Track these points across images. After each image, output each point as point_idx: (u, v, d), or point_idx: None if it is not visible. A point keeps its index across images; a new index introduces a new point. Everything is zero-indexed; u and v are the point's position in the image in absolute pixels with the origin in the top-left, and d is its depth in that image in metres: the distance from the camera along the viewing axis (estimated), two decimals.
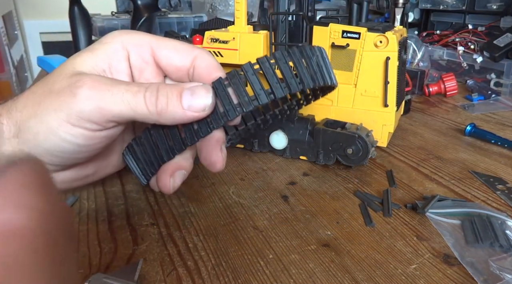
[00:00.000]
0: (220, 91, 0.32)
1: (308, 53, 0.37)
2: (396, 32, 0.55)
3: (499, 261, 0.36)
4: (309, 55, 0.37)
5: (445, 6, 1.22)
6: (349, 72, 0.56)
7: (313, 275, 0.36)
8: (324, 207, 0.46)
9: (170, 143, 0.34)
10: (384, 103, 0.55)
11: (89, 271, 0.36)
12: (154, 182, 0.37)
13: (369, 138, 0.54)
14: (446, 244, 0.40)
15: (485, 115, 0.81)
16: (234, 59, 0.58)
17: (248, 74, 0.32)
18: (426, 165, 0.58)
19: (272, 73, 0.33)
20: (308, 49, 0.37)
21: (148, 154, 0.35)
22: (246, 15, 0.57)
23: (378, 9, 1.33)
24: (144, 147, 0.35)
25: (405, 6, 0.66)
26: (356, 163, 0.54)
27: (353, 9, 0.55)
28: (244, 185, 0.51)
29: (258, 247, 0.40)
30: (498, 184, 0.52)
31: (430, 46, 1.12)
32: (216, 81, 0.32)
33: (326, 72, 0.38)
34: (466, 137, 0.68)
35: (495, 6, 1.10)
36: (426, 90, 0.93)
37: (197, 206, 0.47)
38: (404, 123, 0.75)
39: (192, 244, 0.40)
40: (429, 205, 0.45)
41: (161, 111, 0.30)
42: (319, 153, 0.56)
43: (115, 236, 0.41)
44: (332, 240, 0.41)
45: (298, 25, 0.58)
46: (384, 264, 0.37)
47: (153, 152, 0.35)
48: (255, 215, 0.45)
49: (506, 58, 0.95)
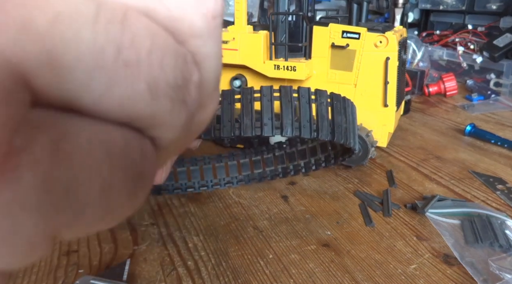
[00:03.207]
0: (226, 103, 0.30)
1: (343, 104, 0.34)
2: (396, 32, 0.55)
3: (498, 261, 0.36)
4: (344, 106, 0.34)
5: (444, 6, 1.23)
6: (349, 72, 0.56)
7: (313, 275, 0.36)
8: (324, 207, 0.47)
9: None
10: (384, 103, 0.56)
11: (89, 271, 0.36)
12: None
13: (369, 138, 0.54)
14: (446, 244, 0.40)
15: (485, 115, 0.81)
16: (234, 59, 0.57)
17: (264, 98, 0.30)
18: (426, 165, 0.58)
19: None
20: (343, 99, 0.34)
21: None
22: (246, 15, 0.57)
23: (378, 9, 1.33)
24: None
25: (405, 6, 0.66)
26: (356, 163, 0.54)
27: (353, 9, 0.55)
28: (244, 185, 0.51)
29: (258, 247, 0.40)
30: (498, 184, 0.52)
31: (430, 46, 1.12)
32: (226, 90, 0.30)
33: (352, 131, 0.34)
34: (466, 137, 0.68)
35: (494, 6, 1.10)
36: (426, 90, 0.93)
37: (197, 206, 0.47)
38: (404, 123, 0.75)
39: (192, 244, 0.40)
40: (429, 205, 0.45)
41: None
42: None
43: (115, 236, 0.41)
44: (332, 240, 0.41)
45: (298, 25, 0.58)
46: (384, 264, 0.37)
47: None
48: (255, 215, 0.45)
49: (505, 58, 0.95)
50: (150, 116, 0.09)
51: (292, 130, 0.30)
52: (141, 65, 0.08)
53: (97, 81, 0.07)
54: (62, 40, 0.07)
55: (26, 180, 0.07)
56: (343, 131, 0.34)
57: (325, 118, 0.32)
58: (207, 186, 0.49)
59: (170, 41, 0.09)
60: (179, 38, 0.09)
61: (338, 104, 0.34)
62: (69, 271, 0.36)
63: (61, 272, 0.36)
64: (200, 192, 0.49)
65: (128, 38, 0.08)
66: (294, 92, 0.31)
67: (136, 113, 0.08)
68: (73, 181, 0.08)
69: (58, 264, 0.37)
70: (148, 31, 0.08)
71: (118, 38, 0.08)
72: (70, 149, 0.07)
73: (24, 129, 0.07)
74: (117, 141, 0.08)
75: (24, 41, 0.07)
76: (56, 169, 0.07)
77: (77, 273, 0.36)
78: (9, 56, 0.06)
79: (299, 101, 0.31)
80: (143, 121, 0.09)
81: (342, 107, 0.34)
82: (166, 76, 0.09)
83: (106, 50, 0.07)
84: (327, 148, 0.48)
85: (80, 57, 0.07)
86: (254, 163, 0.51)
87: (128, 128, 0.09)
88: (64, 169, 0.07)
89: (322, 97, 0.33)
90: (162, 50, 0.08)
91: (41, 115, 0.07)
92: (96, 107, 0.08)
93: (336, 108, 0.33)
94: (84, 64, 0.07)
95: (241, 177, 0.50)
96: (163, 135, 0.09)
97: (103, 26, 0.07)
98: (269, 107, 0.30)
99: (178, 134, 0.10)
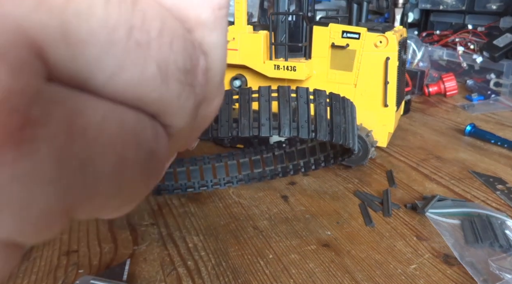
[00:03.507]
0: (224, 103, 0.30)
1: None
2: (396, 32, 0.55)
3: (498, 261, 0.36)
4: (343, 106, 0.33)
5: (444, 6, 1.23)
6: (349, 72, 0.56)
7: (313, 275, 0.36)
8: (324, 207, 0.47)
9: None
10: (384, 103, 0.56)
11: (89, 271, 0.36)
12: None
13: (369, 138, 0.54)
14: (446, 244, 0.40)
15: (485, 115, 0.81)
16: (234, 59, 0.58)
17: (261, 98, 0.30)
18: (426, 165, 0.58)
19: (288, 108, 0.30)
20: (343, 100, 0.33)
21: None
22: (246, 15, 0.57)
23: (378, 9, 1.32)
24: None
25: (404, 6, 0.66)
26: (356, 163, 0.54)
27: (353, 9, 0.55)
28: (244, 185, 0.51)
29: (258, 247, 0.40)
30: (498, 184, 0.52)
31: (430, 46, 1.12)
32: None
33: (351, 132, 0.34)
34: (466, 137, 0.68)
35: (494, 6, 1.10)
36: (426, 90, 0.93)
37: (197, 206, 0.47)
38: (404, 123, 0.75)
39: (192, 244, 0.40)
40: (429, 205, 0.45)
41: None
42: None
43: (115, 236, 0.41)
44: (332, 240, 0.41)
45: (298, 25, 0.58)
46: (384, 264, 0.37)
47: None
48: (255, 215, 0.45)
49: (505, 58, 0.95)
50: (160, 99, 0.09)
51: (290, 130, 0.30)
52: (151, 46, 0.08)
53: (109, 59, 0.08)
54: (77, 15, 0.07)
55: (42, 153, 0.07)
56: (342, 132, 0.34)
57: (324, 118, 0.32)
58: (207, 186, 0.49)
59: (178, 26, 0.09)
60: (186, 26, 0.09)
61: (337, 104, 0.34)
62: (69, 271, 0.36)
63: (61, 272, 0.36)
64: (200, 192, 0.49)
65: (139, 19, 0.08)
66: (292, 92, 0.31)
67: (146, 96, 0.08)
68: (88, 156, 0.08)
69: (58, 264, 0.37)
70: (157, 13, 0.08)
71: (129, 18, 0.08)
72: (86, 125, 0.08)
73: (40, 102, 0.07)
74: (130, 118, 0.09)
75: (41, 14, 0.07)
76: (72, 144, 0.07)
77: (77, 273, 0.36)
78: (27, 28, 0.07)
79: (297, 101, 0.31)
80: (153, 105, 0.09)
81: (341, 107, 0.34)
82: (175, 58, 0.09)
83: (118, 29, 0.08)
84: (327, 148, 0.48)
85: (93, 33, 0.07)
86: (254, 162, 0.51)
87: (141, 111, 0.09)
88: (80, 144, 0.08)
89: (320, 97, 0.32)
90: (172, 33, 0.09)
91: (56, 90, 0.07)
92: (107, 87, 0.08)
93: (335, 108, 0.33)
94: (96, 40, 0.07)
95: (241, 176, 0.50)
96: (172, 122, 0.10)
97: (116, 5, 0.08)
98: (267, 107, 0.30)
99: (186, 124, 0.10)
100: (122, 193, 0.09)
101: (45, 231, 0.08)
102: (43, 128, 0.07)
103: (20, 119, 0.07)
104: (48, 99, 0.07)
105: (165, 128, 0.10)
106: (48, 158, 0.07)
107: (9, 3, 0.07)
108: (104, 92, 0.08)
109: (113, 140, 0.08)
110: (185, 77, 0.09)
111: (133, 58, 0.08)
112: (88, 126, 0.08)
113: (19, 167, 0.07)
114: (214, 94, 0.11)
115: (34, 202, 0.07)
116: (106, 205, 0.09)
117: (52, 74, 0.07)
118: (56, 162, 0.07)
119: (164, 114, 0.09)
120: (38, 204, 0.07)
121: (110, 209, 0.09)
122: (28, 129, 0.07)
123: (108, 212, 0.09)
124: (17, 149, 0.07)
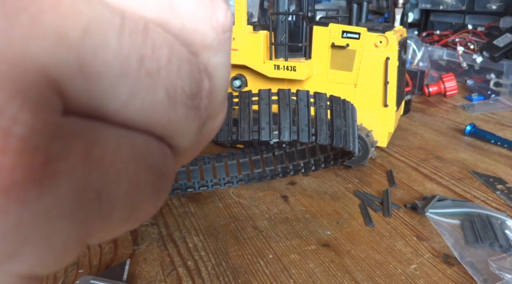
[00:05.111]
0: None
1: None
2: (396, 32, 0.55)
3: (498, 261, 0.36)
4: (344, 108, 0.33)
5: (444, 6, 1.23)
6: (349, 72, 0.56)
7: (313, 275, 0.36)
8: (324, 207, 0.47)
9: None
10: (384, 103, 0.56)
11: (89, 271, 0.36)
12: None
13: (369, 138, 0.54)
14: (446, 244, 0.40)
15: (485, 115, 0.81)
16: (234, 59, 0.57)
17: (261, 101, 0.29)
18: (426, 165, 0.58)
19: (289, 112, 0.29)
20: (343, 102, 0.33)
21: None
22: (246, 15, 0.57)
23: (378, 9, 1.33)
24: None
25: (405, 6, 0.66)
26: (356, 163, 0.54)
27: (353, 9, 0.55)
28: (244, 185, 0.51)
29: (258, 247, 0.40)
30: (498, 184, 0.52)
31: (430, 46, 1.12)
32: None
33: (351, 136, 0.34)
34: (466, 137, 0.68)
35: (494, 6, 1.10)
36: (426, 90, 0.94)
37: (197, 206, 0.47)
38: (404, 123, 0.75)
39: (192, 244, 0.40)
40: (429, 205, 0.45)
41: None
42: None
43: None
44: (332, 240, 0.41)
45: (298, 25, 0.58)
46: (384, 264, 0.37)
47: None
48: (255, 215, 0.45)
49: (505, 58, 0.95)
50: (168, 123, 0.09)
51: (290, 134, 0.30)
52: (161, 73, 0.08)
53: (122, 88, 0.08)
54: (93, 49, 0.07)
55: (63, 187, 0.07)
56: (342, 135, 0.33)
57: (324, 121, 0.32)
58: (207, 186, 0.49)
59: (184, 51, 0.09)
60: (191, 49, 0.10)
61: (337, 107, 0.33)
62: (69, 271, 0.36)
63: (61, 272, 0.36)
64: (200, 192, 0.49)
65: (149, 47, 0.08)
66: (292, 96, 0.31)
67: (155, 121, 0.09)
68: (104, 184, 0.08)
69: None
70: (165, 40, 0.09)
71: (140, 47, 0.08)
72: (101, 153, 0.08)
73: (60, 137, 0.07)
74: (140, 142, 0.09)
75: (60, 50, 0.07)
76: (89, 175, 0.08)
77: (77, 273, 0.36)
78: (46, 65, 0.07)
79: (297, 105, 0.31)
80: (161, 129, 0.09)
81: (341, 110, 0.34)
82: (182, 84, 0.09)
83: (130, 59, 0.08)
84: (327, 149, 0.48)
85: (107, 64, 0.08)
86: (254, 162, 0.51)
87: (149, 135, 0.09)
88: (96, 174, 0.08)
89: (321, 100, 0.32)
90: (179, 59, 0.09)
91: (73, 122, 0.07)
92: (120, 114, 0.08)
93: (335, 111, 0.33)
94: (111, 71, 0.08)
95: (241, 176, 0.50)
96: (179, 143, 0.10)
97: (128, 36, 0.08)
98: (266, 111, 0.30)
99: (191, 143, 0.10)
100: (133, 215, 0.09)
101: (63, 260, 0.08)
102: (63, 163, 0.07)
103: (42, 157, 0.07)
104: (67, 133, 0.07)
105: (172, 149, 0.10)
106: (68, 191, 0.07)
107: (33, 41, 0.07)
108: (117, 119, 0.08)
109: (125, 165, 0.08)
110: (192, 101, 0.09)
111: (144, 85, 0.08)
112: (103, 154, 0.08)
113: (42, 203, 0.07)
114: (218, 111, 0.11)
115: (55, 235, 0.07)
116: (118, 229, 0.09)
117: (68, 107, 0.07)
118: (75, 194, 0.07)
119: (171, 137, 0.09)
120: (58, 237, 0.07)
121: (122, 230, 0.09)
122: (50, 165, 0.07)
123: (119, 232, 0.10)
124: (40, 186, 0.07)
